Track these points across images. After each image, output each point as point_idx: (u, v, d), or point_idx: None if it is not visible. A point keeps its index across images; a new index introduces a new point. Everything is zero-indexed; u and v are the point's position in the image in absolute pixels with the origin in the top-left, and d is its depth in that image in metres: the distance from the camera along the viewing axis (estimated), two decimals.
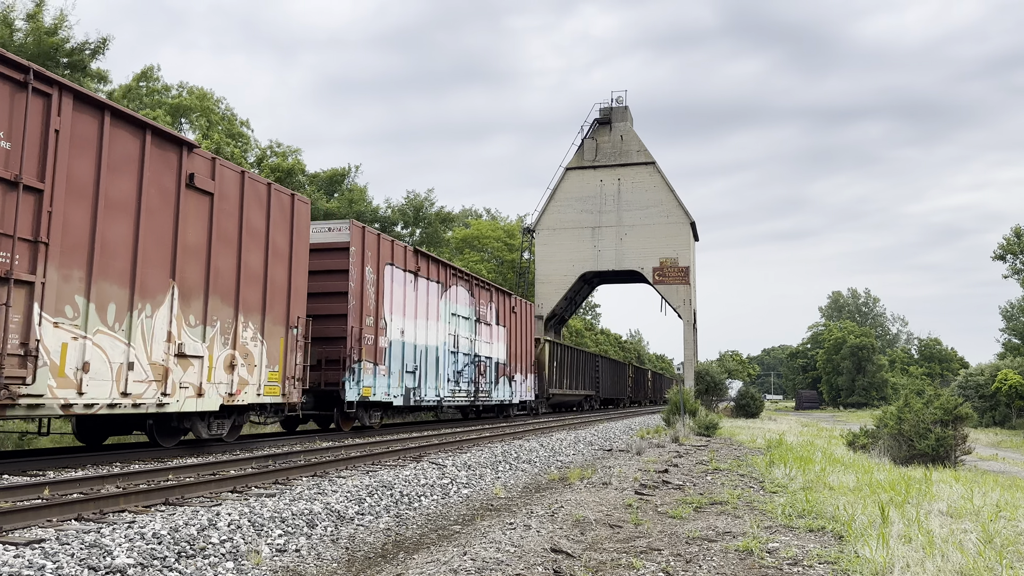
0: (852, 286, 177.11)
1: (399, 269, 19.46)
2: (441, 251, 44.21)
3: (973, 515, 8.25)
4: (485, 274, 51.57)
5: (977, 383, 49.39)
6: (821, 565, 5.93)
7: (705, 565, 5.94)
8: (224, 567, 5.71)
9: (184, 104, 35.42)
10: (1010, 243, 55.92)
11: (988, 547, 6.30)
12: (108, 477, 8.82)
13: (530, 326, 31.47)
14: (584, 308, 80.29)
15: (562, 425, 25.06)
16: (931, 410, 17.80)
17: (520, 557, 6.05)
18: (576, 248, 51.49)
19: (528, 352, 30.99)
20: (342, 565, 6.19)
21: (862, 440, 19.81)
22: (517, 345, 29.42)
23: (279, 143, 39.30)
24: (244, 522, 6.82)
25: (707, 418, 24.99)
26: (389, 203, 43.27)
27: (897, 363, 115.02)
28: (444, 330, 22.11)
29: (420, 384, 20.29)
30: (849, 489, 9.99)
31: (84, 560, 5.31)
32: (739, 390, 61.19)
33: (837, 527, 7.27)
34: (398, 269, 19.39)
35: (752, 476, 12.01)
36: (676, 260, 49.74)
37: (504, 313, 28.00)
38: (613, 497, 9.51)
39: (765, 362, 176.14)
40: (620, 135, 52.35)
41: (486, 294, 26.15)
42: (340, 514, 7.79)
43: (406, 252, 20.04)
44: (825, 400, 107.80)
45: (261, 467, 10.72)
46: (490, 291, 26.59)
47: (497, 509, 8.96)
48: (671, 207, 50.64)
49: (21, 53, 22.82)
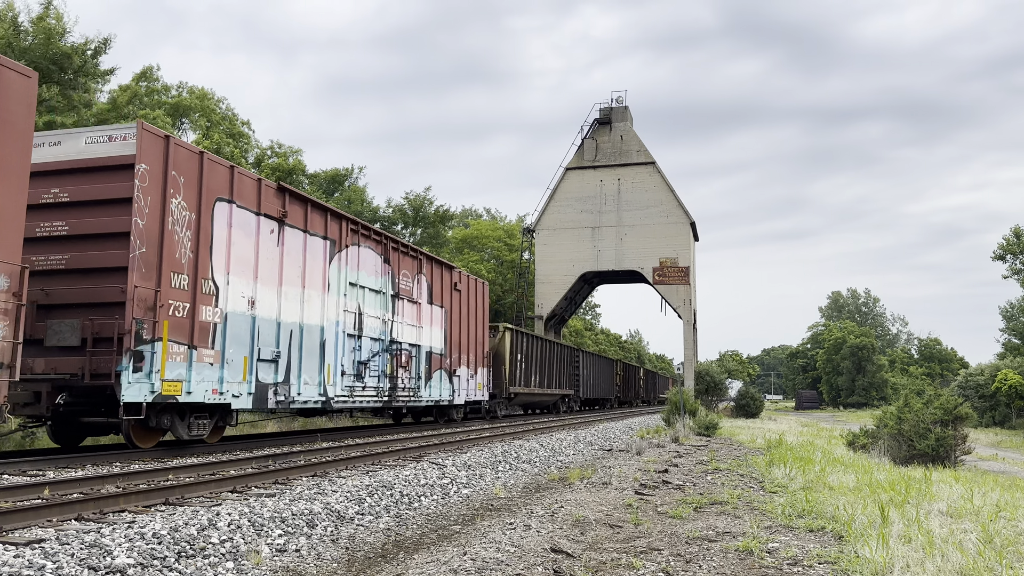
0: (852, 286, 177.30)
1: (246, 211, 13.58)
2: (442, 251, 44.11)
3: (973, 515, 8.25)
4: (485, 274, 51.46)
5: (977, 383, 49.40)
6: (821, 565, 5.93)
7: (705, 565, 5.94)
8: (224, 567, 5.71)
9: (184, 104, 35.43)
10: (1010, 243, 55.93)
11: (988, 547, 6.30)
12: (108, 477, 8.82)
13: (482, 309, 25.66)
14: (584, 308, 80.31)
15: (562, 425, 25.07)
16: (931, 410, 17.80)
17: (520, 557, 6.05)
18: (576, 248, 51.51)
19: (480, 341, 25.27)
20: (342, 565, 6.19)
21: (862, 440, 19.82)
22: (462, 332, 23.70)
23: (280, 144, 39.34)
24: (244, 522, 6.82)
25: (707, 418, 25.01)
26: (390, 203, 43.32)
27: (897, 363, 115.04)
28: (336, 305, 16.15)
29: (289, 377, 14.45)
30: (849, 489, 9.99)
31: (84, 560, 5.31)
32: (739, 390, 61.26)
33: (837, 527, 7.27)
34: (244, 210, 13.53)
35: (752, 476, 12.01)
36: (676, 260, 49.76)
37: (442, 290, 22.24)
38: (613, 497, 9.51)
39: (765, 362, 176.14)
40: (620, 135, 52.37)
41: (411, 263, 20.19)
42: (340, 514, 7.79)
43: (261, 188, 13.99)
44: (825, 400, 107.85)
45: (261, 467, 10.72)
46: (418, 259, 20.66)
47: (497, 509, 8.96)
48: (671, 207, 50.66)
49: (26, 56, 22.84)
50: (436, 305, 21.76)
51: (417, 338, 20.35)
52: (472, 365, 24.51)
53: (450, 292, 22.85)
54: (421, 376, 20.50)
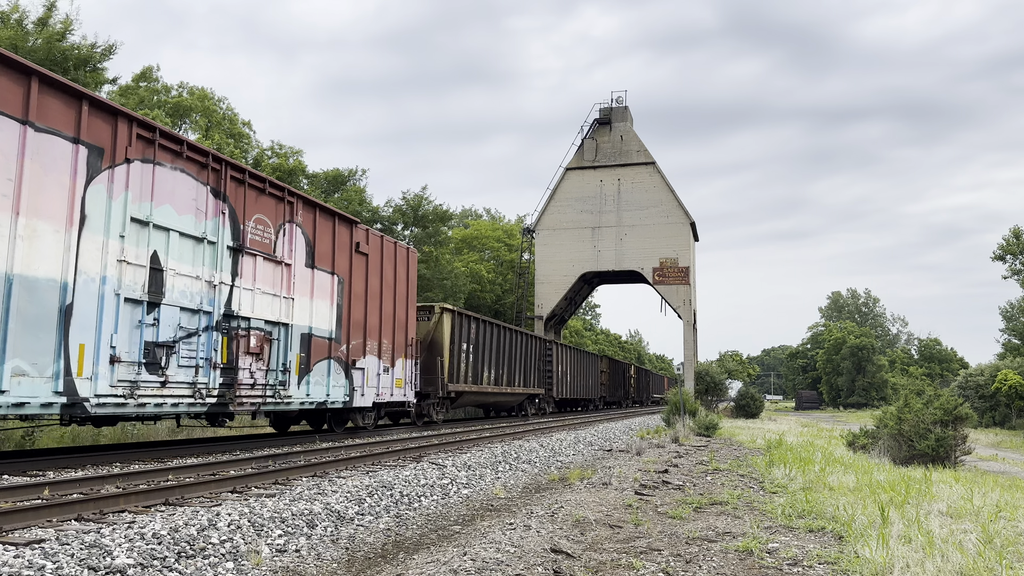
0: (852, 286, 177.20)
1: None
2: (442, 251, 44.00)
3: (973, 515, 8.25)
4: (484, 274, 51.30)
5: (977, 383, 49.42)
6: (821, 565, 5.93)
7: (705, 565, 5.94)
8: (224, 567, 5.71)
9: (184, 104, 35.41)
10: (1009, 244, 55.92)
11: (988, 547, 6.30)
12: (108, 477, 8.83)
13: (405, 282, 19.59)
14: (584, 308, 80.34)
15: (562, 425, 25.07)
16: (931, 410, 17.81)
17: (520, 557, 6.05)
18: (576, 248, 51.52)
19: (402, 325, 19.37)
20: (342, 565, 6.19)
21: (862, 440, 19.83)
22: (370, 310, 17.67)
23: (280, 144, 39.29)
24: (244, 522, 6.82)
25: (707, 418, 25.00)
26: (390, 202, 43.25)
27: (897, 363, 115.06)
28: (102, 251, 10.50)
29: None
30: (849, 489, 9.99)
31: (84, 560, 5.31)
32: (739, 390, 61.31)
33: (837, 527, 7.27)
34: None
35: (752, 476, 12.01)
36: (676, 260, 49.77)
37: (335, 251, 16.20)
38: (613, 497, 9.51)
39: (765, 362, 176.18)
40: (620, 135, 52.37)
41: (272, 206, 14.32)
42: (340, 514, 7.79)
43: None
44: (825, 400, 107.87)
45: (261, 467, 10.72)
46: (287, 203, 14.72)
47: (497, 509, 8.96)
48: (671, 207, 50.67)
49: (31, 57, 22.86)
50: (323, 270, 15.76)
51: (284, 314, 14.45)
52: (388, 355, 18.54)
53: (349, 255, 16.77)
54: (290, 368, 14.50)
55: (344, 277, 16.60)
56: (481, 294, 50.87)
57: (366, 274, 17.54)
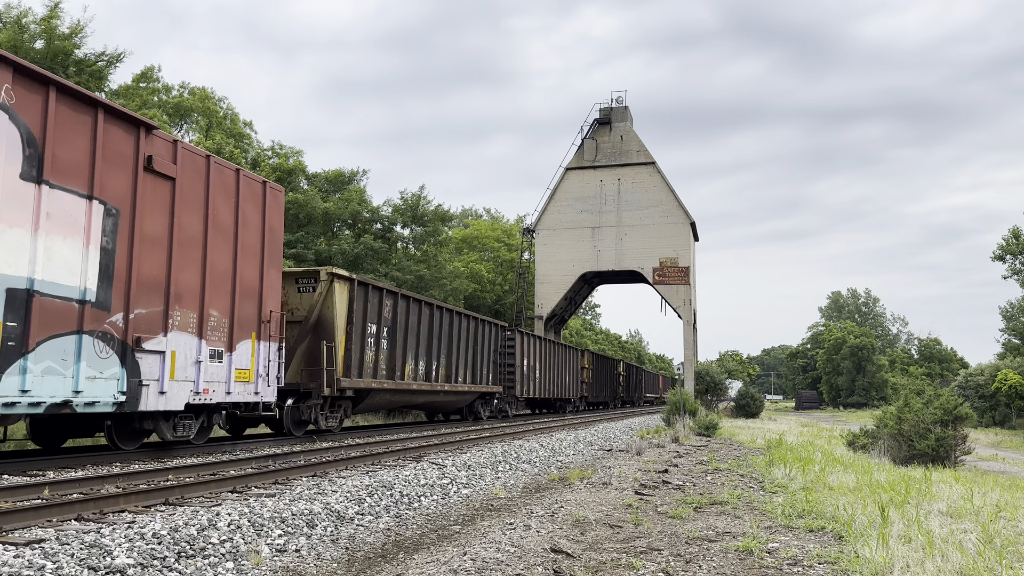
0: (852, 286, 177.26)
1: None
2: (442, 251, 43.90)
3: (973, 515, 8.25)
4: (484, 274, 51.27)
5: (977, 383, 49.45)
6: (821, 565, 5.93)
7: (705, 565, 5.94)
8: (224, 567, 5.71)
9: (185, 104, 35.41)
10: (1009, 244, 55.93)
11: (988, 547, 6.30)
12: (108, 477, 8.83)
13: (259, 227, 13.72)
14: (584, 308, 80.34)
15: (562, 425, 25.06)
16: (931, 410, 17.82)
17: (520, 557, 6.05)
18: (576, 248, 51.52)
19: (251, 289, 13.46)
20: (342, 565, 6.19)
21: (862, 440, 19.83)
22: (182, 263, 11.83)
23: (281, 144, 39.30)
24: (244, 522, 6.82)
25: (707, 418, 25.01)
26: (389, 202, 43.24)
27: (897, 363, 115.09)
28: None
29: None
30: (849, 489, 9.99)
31: (84, 560, 5.31)
32: (739, 390, 61.36)
33: (837, 527, 7.27)
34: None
35: (752, 476, 12.01)
36: (676, 260, 49.78)
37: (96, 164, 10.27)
38: (613, 497, 9.51)
39: (765, 362, 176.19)
40: (620, 135, 52.39)
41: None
42: (340, 514, 7.79)
43: None
44: (825, 400, 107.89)
45: (261, 467, 10.72)
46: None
47: (497, 509, 8.96)
48: (671, 207, 50.68)
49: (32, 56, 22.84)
50: (66, 190, 9.89)
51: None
52: (220, 334, 12.64)
53: (132, 174, 10.97)
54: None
55: (120, 207, 10.73)
56: (481, 294, 50.85)
57: (172, 209, 11.69)
